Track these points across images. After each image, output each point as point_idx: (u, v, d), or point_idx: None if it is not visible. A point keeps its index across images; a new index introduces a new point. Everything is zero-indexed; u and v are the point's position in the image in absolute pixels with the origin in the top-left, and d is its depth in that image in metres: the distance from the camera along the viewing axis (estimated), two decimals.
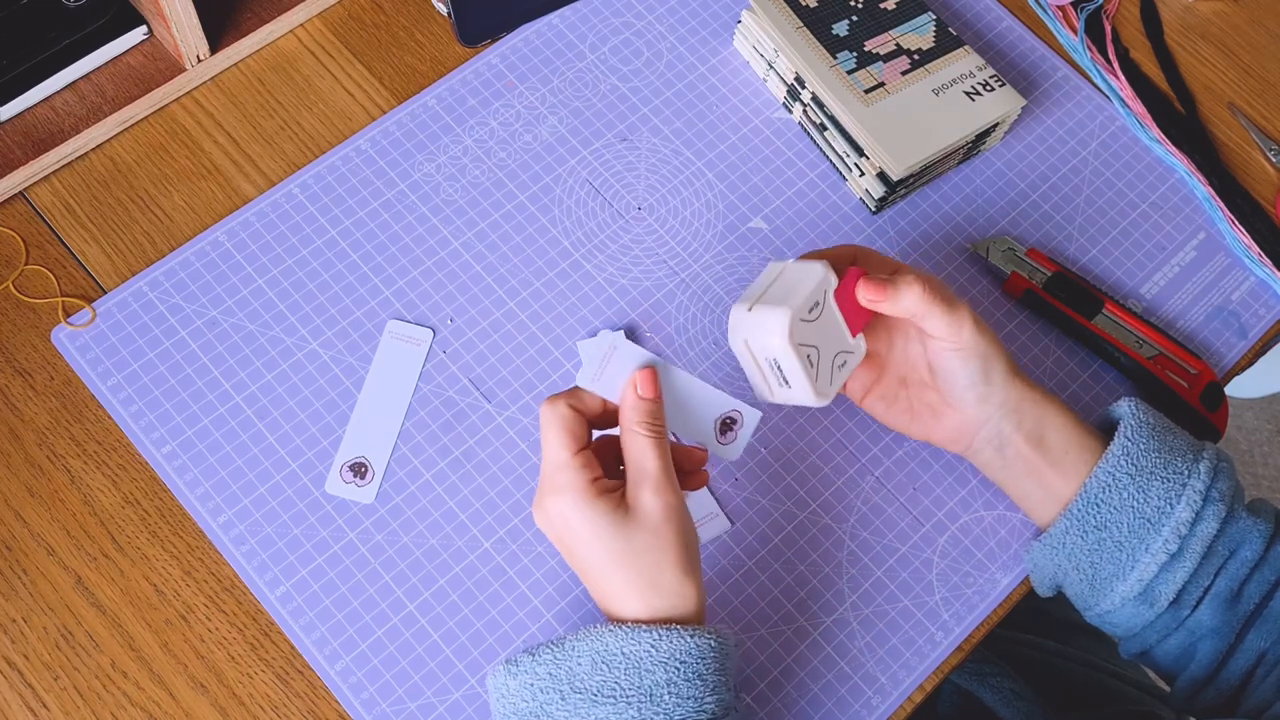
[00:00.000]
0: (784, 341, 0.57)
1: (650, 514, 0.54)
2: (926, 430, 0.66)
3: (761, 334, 0.58)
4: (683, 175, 0.78)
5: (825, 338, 0.60)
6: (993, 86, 0.77)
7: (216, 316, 0.71)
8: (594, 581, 0.56)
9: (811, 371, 0.59)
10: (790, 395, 0.60)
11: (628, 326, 0.73)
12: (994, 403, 0.63)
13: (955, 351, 0.62)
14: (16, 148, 0.73)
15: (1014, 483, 0.65)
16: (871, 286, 0.60)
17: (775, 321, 0.57)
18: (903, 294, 0.60)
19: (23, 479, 0.67)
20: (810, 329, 0.59)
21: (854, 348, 0.62)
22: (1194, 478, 0.62)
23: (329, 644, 0.64)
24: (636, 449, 0.55)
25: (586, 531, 0.54)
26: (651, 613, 0.54)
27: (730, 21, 0.84)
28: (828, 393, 0.60)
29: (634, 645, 0.53)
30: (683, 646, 0.53)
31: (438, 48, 0.81)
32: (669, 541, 0.54)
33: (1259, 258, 0.79)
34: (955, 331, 0.61)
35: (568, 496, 0.54)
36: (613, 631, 0.53)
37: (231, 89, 0.79)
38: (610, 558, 0.54)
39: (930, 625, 0.67)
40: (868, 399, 0.67)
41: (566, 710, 0.53)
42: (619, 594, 0.55)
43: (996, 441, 0.64)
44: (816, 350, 0.59)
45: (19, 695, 0.62)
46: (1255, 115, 0.85)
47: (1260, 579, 0.62)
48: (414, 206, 0.76)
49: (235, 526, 0.66)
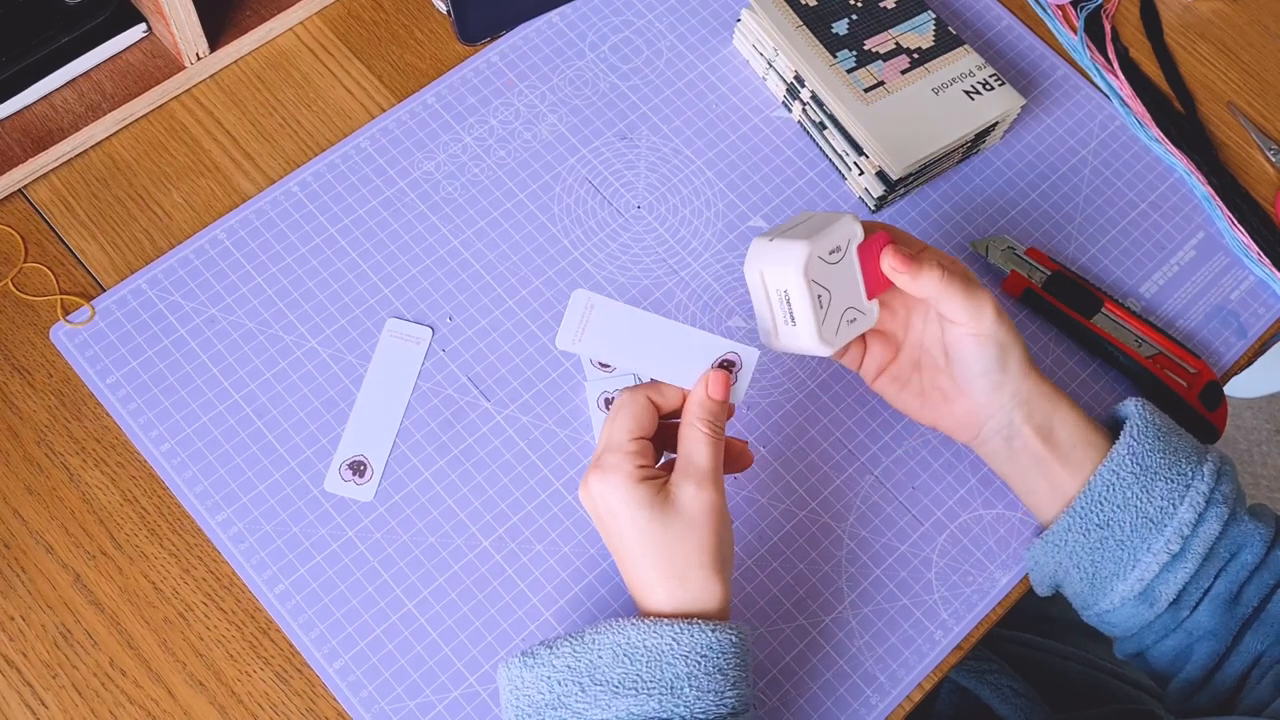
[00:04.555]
0: (798, 272, 0.57)
1: (690, 507, 0.55)
2: (935, 416, 0.65)
3: (778, 263, 0.58)
4: (682, 174, 0.78)
5: (840, 286, 0.60)
6: (992, 86, 0.77)
7: (215, 314, 0.71)
8: (625, 565, 0.57)
9: (820, 313, 0.58)
10: (794, 337, 0.60)
11: None
12: (1007, 392, 0.63)
13: (973, 337, 0.61)
14: (15, 145, 0.73)
15: (1019, 476, 0.65)
16: (898, 256, 0.60)
17: (794, 253, 0.58)
18: (923, 273, 0.60)
19: (21, 477, 0.67)
20: (827, 271, 0.59)
21: (867, 309, 0.62)
22: (1198, 479, 0.62)
23: (327, 642, 0.64)
24: (692, 442, 0.56)
25: (625, 514, 0.55)
26: (676, 605, 0.55)
27: (730, 20, 0.84)
28: (831, 340, 0.60)
29: (656, 638, 0.53)
30: (705, 640, 0.54)
31: (437, 46, 0.81)
32: (703, 537, 0.55)
33: (1258, 257, 0.79)
34: (974, 316, 0.61)
35: (613, 478, 0.55)
36: (635, 625, 0.54)
37: (231, 87, 0.78)
38: (644, 543, 0.55)
39: (929, 624, 0.67)
40: (880, 379, 0.67)
41: (586, 701, 0.53)
42: (646, 582, 0.55)
43: (1005, 432, 0.64)
44: (829, 294, 0.59)
45: (17, 693, 0.62)
46: (1255, 115, 0.85)
47: (1259, 582, 0.62)
48: (413, 205, 0.75)
49: (234, 524, 0.66)
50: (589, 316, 0.57)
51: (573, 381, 0.71)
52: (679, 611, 0.55)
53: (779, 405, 0.72)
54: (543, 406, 0.71)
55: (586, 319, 0.57)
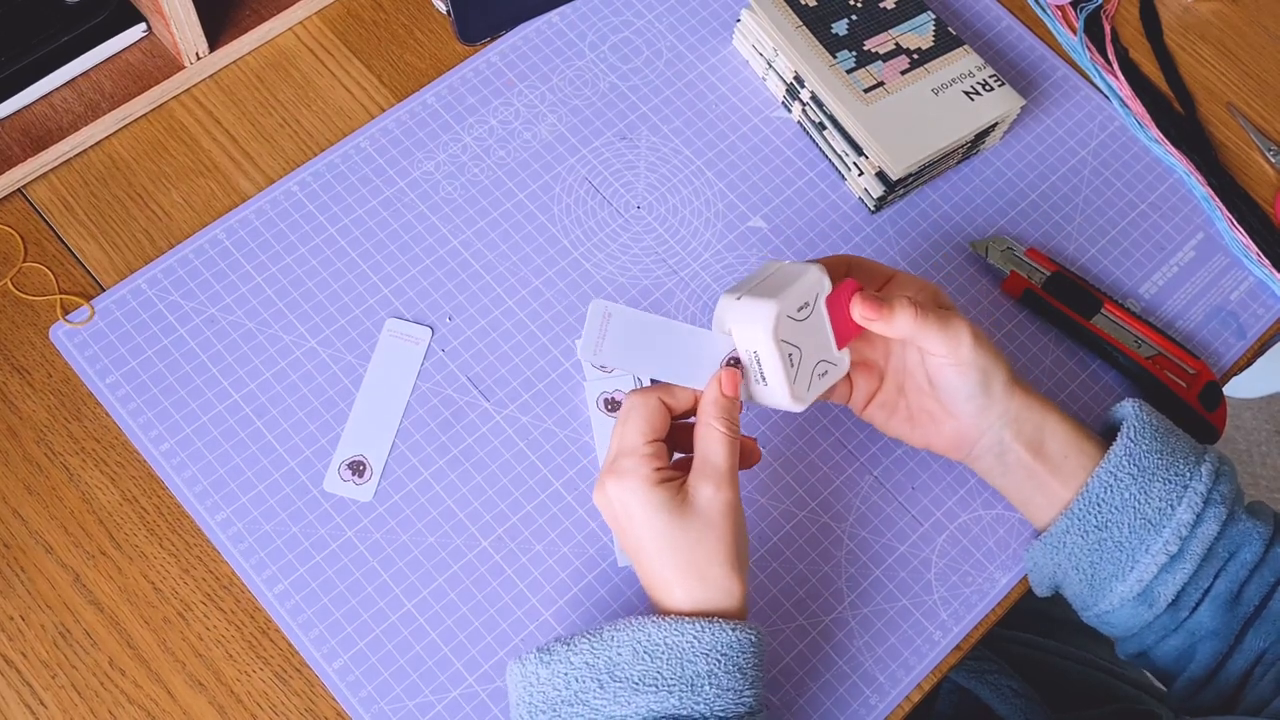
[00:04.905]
0: (767, 334, 0.57)
1: (709, 507, 0.55)
2: (926, 438, 0.65)
3: (746, 324, 0.58)
4: (682, 174, 0.78)
5: (810, 342, 0.59)
6: (992, 86, 0.77)
7: (215, 314, 0.71)
8: (644, 566, 0.57)
9: (791, 372, 0.58)
10: (767, 395, 0.59)
11: None
12: (994, 413, 0.63)
13: (954, 367, 0.61)
14: (15, 145, 0.73)
15: (1014, 489, 0.65)
16: (868, 304, 0.60)
17: (761, 313, 0.57)
18: (897, 317, 0.60)
19: (21, 476, 0.67)
20: (796, 328, 0.58)
21: (837, 360, 0.61)
22: (1196, 480, 0.62)
23: (327, 642, 0.64)
24: (710, 441, 0.56)
25: (643, 517, 0.55)
26: (695, 604, 0.55)
27: (730, 20, 0.84)
28: (804, 398, 0.59)
29: (677, 636, 0.54)
30: (725, 639, 0.54)
31: (437, 46, 0.81)
32: (722, 536, 0.55)
33: (1257, 258, 0.79)
34: (953, 349, 0.61)
35: (630, 482, 0.55)
36: (656, 623, 0.54)
37: (230, 86, 0.78)
38: (662, 545, 0.55)
39: (929, 624, 0.67)
40: (869, 409, 0.66)
41: (605, 698, 0.53)
42: (666, 582, 0.55)
43: (997, 449, 0.64)
44: (799, 351, 0.59)
45: (16, 693, 0.62)
46: (1254, 115, 0.85)
47: (1260, 580, 0.62)
48: (413, 205, 0.75)
49: (233, 524, 0.66)
50: (606, 326, 0.56)
51: (572, 381, 0.71)
52: (698, 610, 0.55)
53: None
54: (542, 406, 0.71)
55: (604, 329, 0.56)
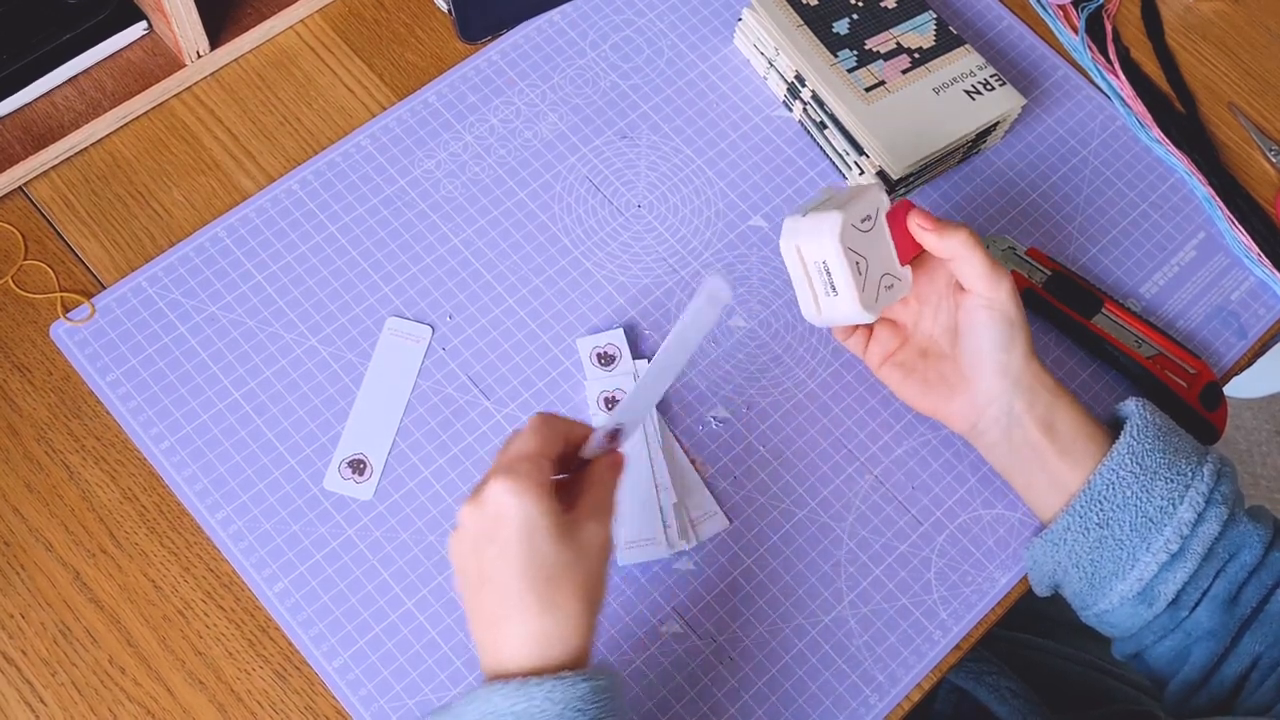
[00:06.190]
0: (835, 242, 0.60)
1: (592, 541, 0.53)
2: (936, 404, 0.66)
3: (814, 236, 0.61)
4: (683, 173, 0.78)
5: (875, 253, 0.62)
6: (993, 85, 0.77)
7: (215, 312, 0.71)
8: (488, 593, 0.52)
9: (859, 279, 0.61)
10: (836, 307, 0.62)
11: (626, 325, 0.73)
12: (1010, 376, 0.63)
13: (986, 309, 0.63)
14: (16, 142, 0.73)
15: (1018, 469, 0.65)
16: (924, 215, 0.63)
17: (828, 223, 0.60)
18: (952, 232, 0.62)
19: (21, 474, 0.67)
20: (861, 238, 0.61)
21: (902, 275, 0.64)
22: (1198, 479, 0.62)
23: (327, 640, 0.64)
24: (610, 482, 0.55)
25: (522, 526, 0.51)
26: (534, 639, 0.51)
27: (731, 19, 0.84)
28: (873, 307, 0.62)
29: (525, 702, 0.50)
30: (575, 693, 0.50)
31: (438, 44, 0.81)
32: (592, 572, 0.53)
33: (1258, 258, 0.79)
34: (993, 285, 0.62)
35: (525, 484, 0.51)
36: (499, 690, 0.50)
37: (231, 85, 0.78)
38: (527, 562, 0.51)
39: (928, 624, 0.67)
40: (885, 366, 0.68)
41: None
42: (507, 615, 0.52)
43: (1004, 421, 0.64)
44: (865, 261, 0.61)
45: (16, 691, 0.62)
46: (1255, 115, 0.85)
47: (1258, 583, 0.62)
48: (414, 203, 0.75)
49: (233, 523, 0.66)
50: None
51: (573, 380, 0.71)
52: (537, 654, 0.51)
53: (779, 405, 0.72)
54: (542, 405, 0.71)
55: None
